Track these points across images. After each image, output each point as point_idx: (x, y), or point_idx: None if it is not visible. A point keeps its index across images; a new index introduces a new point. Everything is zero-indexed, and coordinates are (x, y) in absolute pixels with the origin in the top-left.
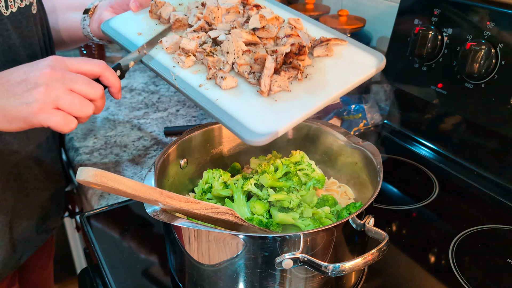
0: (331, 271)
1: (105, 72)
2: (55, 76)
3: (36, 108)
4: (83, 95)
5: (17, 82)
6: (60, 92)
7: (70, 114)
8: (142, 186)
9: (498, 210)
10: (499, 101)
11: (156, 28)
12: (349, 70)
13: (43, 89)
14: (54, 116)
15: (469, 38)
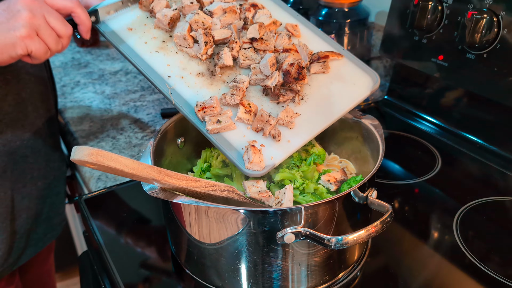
0: (334, 244)
1: (77, 9)
2: (35, 4)
3: (23, 32)
4: (56, 30)
5: (0, 12)
6: (41, 21)
7: (46, 45)
8: (139, 164)
9: (502, 182)
10: (501, 71)
11: (147, 23)
12: (345, 94)
13: (27, 14)
14: (38, 43)
15: (470, 7)
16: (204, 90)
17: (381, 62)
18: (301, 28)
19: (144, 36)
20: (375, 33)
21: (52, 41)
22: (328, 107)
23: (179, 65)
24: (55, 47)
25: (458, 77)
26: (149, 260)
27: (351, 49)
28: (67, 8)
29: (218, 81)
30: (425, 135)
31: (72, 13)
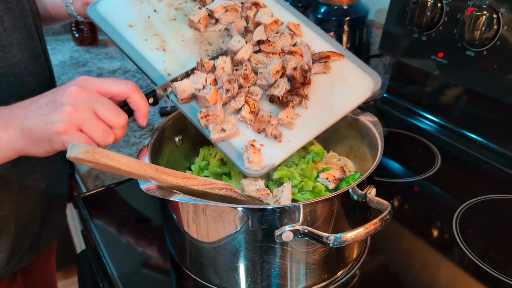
0: (332, 242)
1: (133, 94)
2: (82, 96)
3: (61, 128)
4: (106, 121)
5: (45, 103)
6: (86, 114)
7: (93, 139)
8: (136, 162)
9: (502, 180)
10: (501, 68)
11: (148, 20)
12: (346, 94)
13: (69, 108)
14: (78, 138)
15: (470, 4)
16: None
17: (381, 60)
18: (302, 27)
19: (144, 33)
20: (374, 30)
21: (98, 134)
22: (328, 108)
23: (177, 62)
24: (103, 140)
25: (457, 74)
26: (147, 259)
27: (350, 46)
28: (122, 94)
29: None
30: (424, 133)
31: (128, 98)
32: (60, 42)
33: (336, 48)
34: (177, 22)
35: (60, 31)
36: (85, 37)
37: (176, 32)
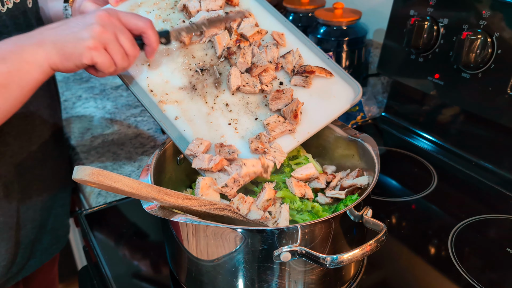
0: (329, 263)
1: (148, 30)
2: (110, 20)
3: (91, 43)
4: (124, 48)
5: (75, 23)
6: (111, 36)
7: (112, 60)
8: (139, 184)
9: (497, 200)
10: (496, 90)
11: None
12: (323, 108)
13: (99, 28)
14: (104, 55)
15: (465, 28)
16: (188, 104)
17: (379, 79)
18: (287, 35)
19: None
20: (373, 50)
21: (119, 57)
22: (305, 122)
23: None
24: (121, 63)
25: (453, 95)
26: (148, 275)
27: (349, 66)
28: (139, 28)
29: (199, 96)
30: (421, 152)
31: (143, 33)
32: None
33: (319, 57)
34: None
35: None
36: None
37: (162, 45)
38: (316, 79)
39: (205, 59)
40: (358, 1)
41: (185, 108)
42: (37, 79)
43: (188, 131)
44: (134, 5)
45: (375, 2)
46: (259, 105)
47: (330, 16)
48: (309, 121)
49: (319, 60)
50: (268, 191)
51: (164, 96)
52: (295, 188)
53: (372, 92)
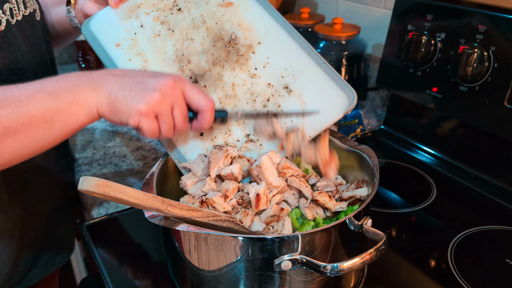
0: (329, 271)
1: (207, 112)
2: (173, 92)
3: (144, 109)
4: (175, 121)
5: (139, 81)
6: (166, 108)
7: (158, 129)
8: (144, 195)
9: (496, 211)
10: (493, 103)
11: (134, 37)
12: (317, 117)
13: (158, 97)
14: (152, 123)
15: (462, 42)
16: None
17: (378, 93)
18: (285, 38)
19: (129, 53)
20: (372, 64)
21: (166, 128)
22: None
23: None
24: (166, 134)
25: (451, 108)
26: (150, 286)
27: (349, 79)
28: (200, 107)
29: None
30: (420, 164)
31: (201, 113)
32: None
33: (315, 61)
34: (161, 39)
35: (67, 61)
36: (91, 67)
37: (159, 50)
38: (308, 86)
39: (204, 66)
40: (357, 17)
41: None
42: (82, 121)
43: None
44: (133, 6)
45: (374, 18)
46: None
47: (329, 31)
48: (309, 128)
49: (315, 65)
50: (274, 207)
51: None
52: (306, 211)
53: (371, 106)
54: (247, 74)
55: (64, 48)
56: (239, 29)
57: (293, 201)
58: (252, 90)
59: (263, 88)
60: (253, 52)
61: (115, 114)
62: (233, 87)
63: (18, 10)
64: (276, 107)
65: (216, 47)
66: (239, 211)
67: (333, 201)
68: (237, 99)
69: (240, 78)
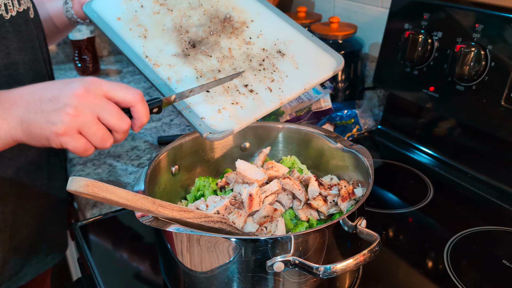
0: (322, 273)
1: (138, 105)
2: (87, 100)
3: (60, 129)
4: (109, 126)
5: (49, 98)
6: (87, 119)
7: (91, 143)
8: (134, 195)
9: (492, 212)
10: (490, 102)
11: (134, 14)
12: (307, 69)
13: (72, 111)
14: (76, 141)
15: (459, 40)
16: (180, 67)
17: (375, 92)
18: (272, 16)
19: (129, 24)
20: (369, 64)
21: (97, 139)
22: (291, 81)
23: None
24: (100, 145)
25: (448, 108)
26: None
27: (345, 79)
28: (127, 101)
29: (191, 60)
30: (417, 164)
31: (131, 107)
32: (63, 71)
33: (303, 34)
34: (160, 15)
35: (63, 61)
36: (87, 66)
37: (158, 23)
38: (297, 53)
39: (202, 35)
40: (353, 16)
41: (177, 70)
42: None
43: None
44: None
45: (371, 17)
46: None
47: (326, 30)
48: (295, 82)
49: (304, 37)
50: (267, 207)
51: (158, 59)
52: (300, 212)
53: (368, 105)
54: (242, 41)
55: (60, 48)
56: (233, 11)
57: (286, 202)
58: (248, 53)
59: (258, 51)
60: (247, 27)
61: (34, 139)
62: (229, 50)
63: (13, 6)
64: (271, 66)
65: (213, 22)
66: (232, 212)
67: (327, 204)
68: (234, 59)
69: (236, 44)
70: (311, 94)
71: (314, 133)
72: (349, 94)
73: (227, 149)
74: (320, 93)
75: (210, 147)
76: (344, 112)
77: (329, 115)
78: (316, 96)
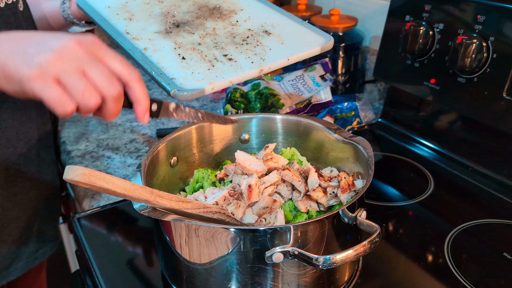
0: (321, 264)
1: (133, 83)
2: (76, 52)
3: (34, 73)
4: (95, 85)
5: (37, 41)
6: (69, 68)
7: (69, 96)
8: (132, 185)
9: (493, 205)
10: (492, 94)
11: (124, 3)
12: (293, 45)
13: (53, 57)
14: (50, 89)
15: (460, 32)
16: (159, 40)
17: (375, 85)
18: (262, 6)
19: (117, 10)
20: (369, 57)
21: (77, 92)
22: (274, 53)
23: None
24: (81, 99)
25: (449, 100)
26: (140, 279)
27: (346, 72)
28: (123, 75)
29: (172, 36)
30: (418, 157)
31: (127, 86)
32: None
33: (293, 19)
34: (150, 6)
35: None
36: None
37: (146, 10)
38: (285, 32)
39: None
40: (354, 8)
41: (155, 43)
42: None
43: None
44: None
45: (371, 9)
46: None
47: (326, 22)
48: (277, 54)
49: (294, 22)
50: (266, 198)
51: (138, 35)
52: (299, 203)
53: (368, 98)
54: (228, 24)
55: None
56: (224, 2)
57: (286, 193)
58: (232, 32)
59: (243, 31)
60: (235, 13)
61: (7, 82)
62: (213, 30)
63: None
64: (254, 42)
65: (201, 10)
66: (231, 203)
67: (326, 196)
68: (216, 35)
69: (221, 25)
70: (311, 87)
71: (314, 125)
72: (349, 87)
73: (226, 141)
74: (320, 85)
75: (209, 139)
76: (344, 105)
77: (329, 107)
78: (316, 89)
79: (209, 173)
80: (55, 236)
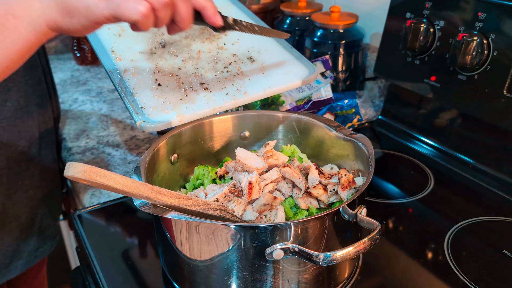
0: (322, 261)
1: (212, 7)
2: None
3: None
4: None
5: None
6: None
7: (151, 4)
8: (132, 182)
9: (493, 202)
10: (492, 92)
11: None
12: (273, 76)
13: None
14: (126, 2)
15: (461, 29)
16: (141, 62)
17: (376, 83)
18: (231, 8)
19: (110, 25)
20: (370, 54)
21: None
22: (251, 85)
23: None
24: (160, 6)
25: (450, 97)
26: (140, 276)
27: (346, 69)
28: (199, 2)
29: (155, 58)
30: (418, 154)
31: (203, 9)
32: (61, 61)
33: (281, 44)
34: None
35: (62, 50)
36: (86, 56)
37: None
38: (269, 61)
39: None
40: (355, 5)
41: (136, 65)
42: (28, 40)
43: (132, 80)
44: None
45: (372, 6)
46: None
47: (327, 19)
48: (255, 86)
49: (282, 48)
50: (266, 195)
51: (122, 54)
52: (300, 201)
53: (369, 96)
54: (215, 46)
55: (59, 38)
56: None
57: (286, 190)
58: (216, 56)
59: (227, 56)
60: (225, 35)
61: (71, 16)
62: (198, 52)
63: None
64: (235, 70)
65: (192, 29)
66: (231, 200)
67: (327, 193)
68: (199, 60)
69: (208, 48)
70: (311, 84)
71: (315, 122)
72: (349, 84)
73: (226, 138)
74: (320, 82)
75: (210, 136)
76: (345, 102)
77: (330, 104)
78: (316, 86)
79: (209, 170)
80: (55, 234)
